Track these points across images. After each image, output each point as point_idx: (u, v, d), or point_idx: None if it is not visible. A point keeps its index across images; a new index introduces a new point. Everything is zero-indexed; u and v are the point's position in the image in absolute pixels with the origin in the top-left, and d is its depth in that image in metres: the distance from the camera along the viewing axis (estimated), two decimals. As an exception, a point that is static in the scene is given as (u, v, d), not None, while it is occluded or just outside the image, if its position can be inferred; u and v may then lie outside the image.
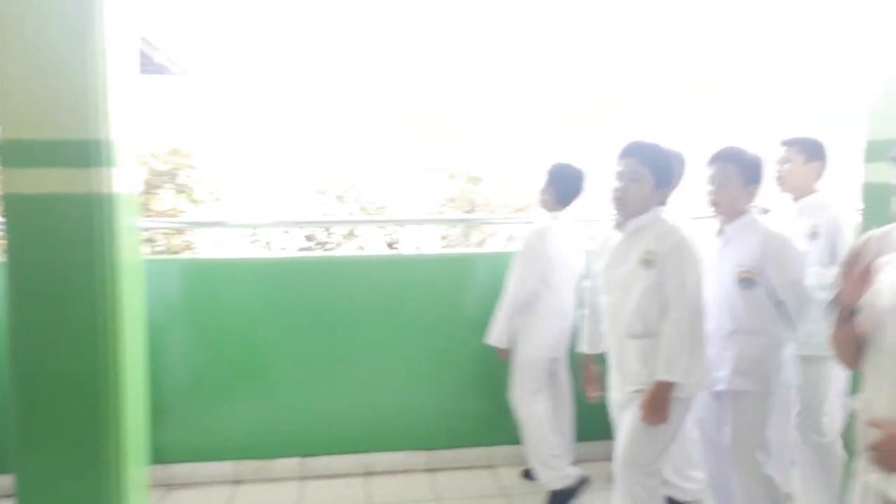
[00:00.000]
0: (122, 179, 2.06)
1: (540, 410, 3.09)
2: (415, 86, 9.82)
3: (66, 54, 1.89)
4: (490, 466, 3.48)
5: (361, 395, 3.44)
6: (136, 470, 2.15)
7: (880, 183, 2.12)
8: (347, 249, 6.21)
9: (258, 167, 7.34)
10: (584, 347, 2.86)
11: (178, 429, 3.32)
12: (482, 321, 3.23)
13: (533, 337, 3.06)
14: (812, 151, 2.77)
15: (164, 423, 3.22)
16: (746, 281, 2.39)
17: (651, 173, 2.33)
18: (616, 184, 2.37)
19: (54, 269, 1.95)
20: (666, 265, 2.27)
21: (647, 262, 2.29)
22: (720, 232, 2.51)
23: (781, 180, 2.86)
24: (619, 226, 2.42)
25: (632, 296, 2.32)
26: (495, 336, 3.09)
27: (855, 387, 1.79)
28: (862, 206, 2.49)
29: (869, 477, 1.51)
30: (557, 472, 3.05)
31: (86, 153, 1.94)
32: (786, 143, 2.85)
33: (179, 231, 5.85)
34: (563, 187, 3.06)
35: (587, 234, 3.30)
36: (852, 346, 1.60)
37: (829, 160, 2.79)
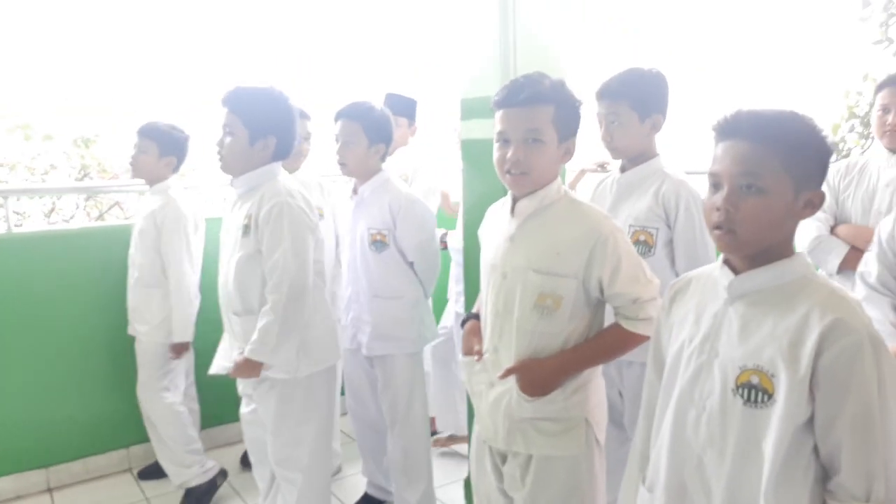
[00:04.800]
0: None
1: (172, 403, 2.79)
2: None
3: None
4: (130, 470, 3.09)
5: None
6: None
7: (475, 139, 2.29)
8: None
9: None
10: None
11: None
12: (102, 308, 2.85)
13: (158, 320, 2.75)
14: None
15: None
16: (378, 243, 2.39)
17: (245, 126, 2.03)
18: (220, 140, 2.08)
19: None
20: (263, 233, 2.01)
21: (246, 228, 2.05)
22: (353, 193, 2.47)
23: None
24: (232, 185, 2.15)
25: (231, 267, 2.08)
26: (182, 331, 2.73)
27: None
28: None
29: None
30: (196, 469, 2.79)
31: None
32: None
33: None
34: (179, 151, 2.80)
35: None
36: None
37: None
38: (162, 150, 2.74)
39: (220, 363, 2.18)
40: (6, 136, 5.55)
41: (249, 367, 2.03)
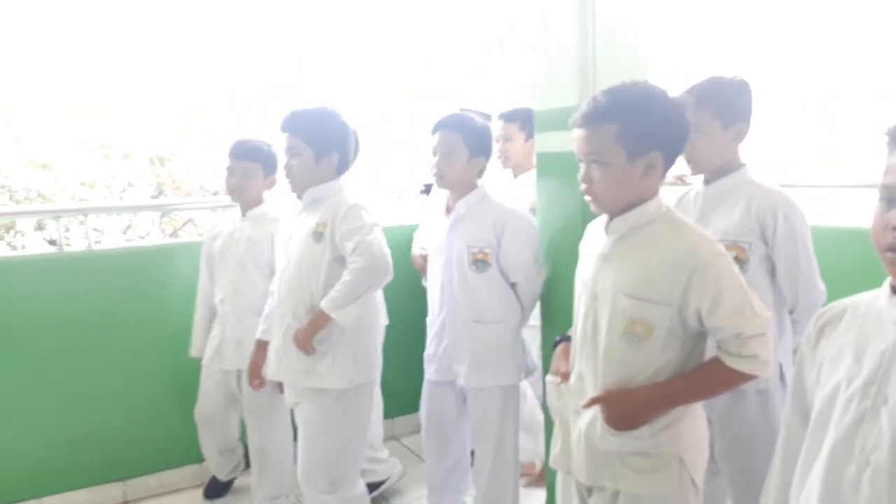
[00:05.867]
0: None
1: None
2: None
3: None
4: (201, 485, 3.08)
5: (28, 426, 2.80)
6: None
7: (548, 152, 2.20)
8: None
9: None
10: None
11: None
12: (182, 322, 2.86)
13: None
14: (531, 127, 2.68)
15: None
16: (480, 263, 2.22)
17: (308, 146, 2.17)
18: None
19: None
20: (340, 229, 2.13)
21: (318, 235, 2.15)
22: (447, 210, 2.31)
23: (504, 156, 2.90)
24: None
25: (300, 272, 2.18)
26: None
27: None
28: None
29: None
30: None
31: None
32: (504, 118, 2.87)
33: None
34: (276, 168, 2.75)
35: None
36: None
37: None
38: (266, 170, 2.68)
39: (273, 366, 2.26)
40: (88, 156, 5.82)
41: (318, 322, 2.09)
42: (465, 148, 2.23)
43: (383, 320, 2.60)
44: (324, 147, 2.17)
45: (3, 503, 2.76)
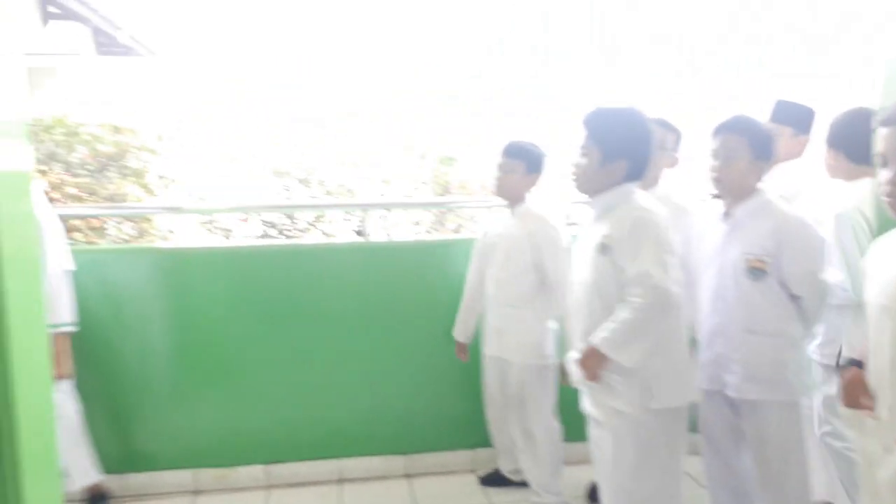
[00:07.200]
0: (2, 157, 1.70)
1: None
2: (379, 65, 9.52)
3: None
4: (473, 471, 3.22)
5: (331, 394, 3.17)
6: (42, 485, 1.83)
7: None
8: (312, 237, 5.88)
9: (216, 149, 6.93)
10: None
11: (132, 435, 3.03)
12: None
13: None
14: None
15: (116, 429, 2.98)
16: (755, 271, 2.10)
17: (598, 148, 2.07)
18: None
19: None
20: (623, 247, 2.00)
21: (604, 248, 2.03)
22: (725, 216, 2.23)
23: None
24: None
25: (585, 285, 2.10)
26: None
27: None
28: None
29: None
30: (552, 499, 2.80)
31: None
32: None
33: (130, 219, 5.44)
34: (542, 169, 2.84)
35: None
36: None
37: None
38: (529, 168, 2.79)
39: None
40: (394, 155, 6.56)
41: (594, 360, 1.99)
42: (749, 150, 2.13)
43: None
44: (613, 151, 2.05)
45: (309, 458, 3.17)
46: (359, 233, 4.32)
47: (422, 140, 6.76)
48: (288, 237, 5.94)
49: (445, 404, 3.24)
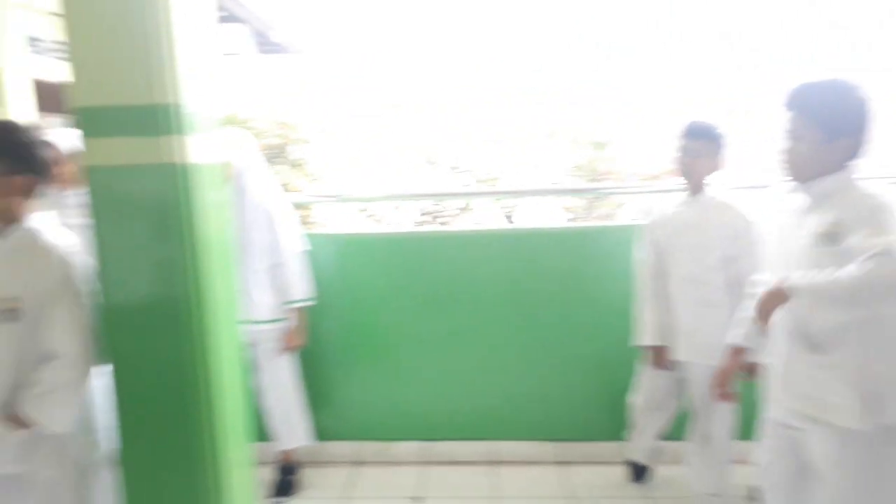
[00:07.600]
0: (201, 148, 1.87)
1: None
2: (529, 52, 9.50)
3: (130, 15, 1.70)
4: (622, 463, 3.16)
5: (485, 377, 3.26)
6: (236, 449, 2.03)
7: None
8: (463, 223, 5.98)
9: (369, 140, 7.25)
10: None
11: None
12: (616, 302, 2.97)
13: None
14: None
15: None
16: None
17: (816, 128, 1.82)
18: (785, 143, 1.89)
19: (134, 247, 1.81)
20: (858, 231, 1.72)
21: (834, 236, 1.75)
22: None
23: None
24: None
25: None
26: None
27: None
28: None
29: None
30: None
31: (154, 119, 1.75)
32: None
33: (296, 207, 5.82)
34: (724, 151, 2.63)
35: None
36: None
37: None
38: (715, 150, 2.57)
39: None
40: (539, 141, 6.52)
41: (776, 300, 1.80)
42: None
43: None
44: (834, 129, 1.81)
45: (462, 438, 3.28)
46: (508, 218, 4.36)
47: (571, 126, 6.64)
48: (440, 224, 6.09)
49: (595, 394, 3.22)
